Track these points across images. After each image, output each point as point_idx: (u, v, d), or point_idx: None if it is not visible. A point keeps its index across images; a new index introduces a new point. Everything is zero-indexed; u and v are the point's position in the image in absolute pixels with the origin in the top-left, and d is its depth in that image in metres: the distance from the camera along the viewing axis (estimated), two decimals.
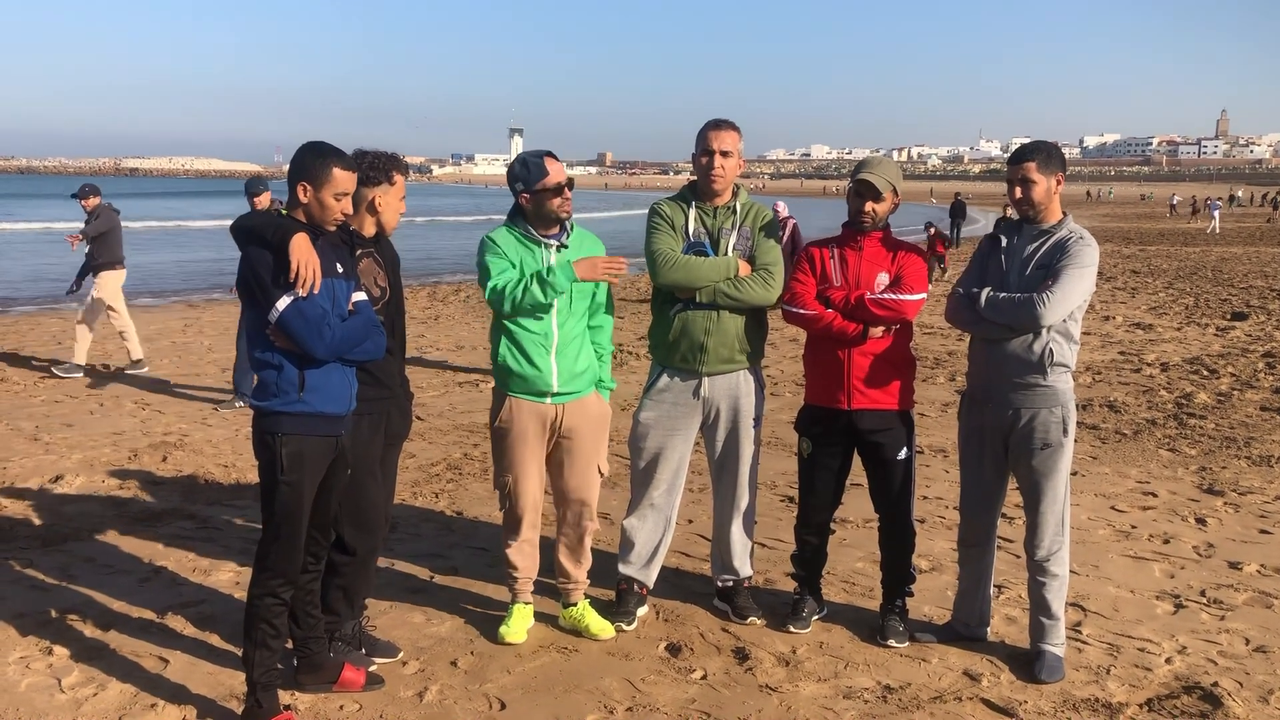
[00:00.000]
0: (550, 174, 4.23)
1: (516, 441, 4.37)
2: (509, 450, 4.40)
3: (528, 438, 4.37)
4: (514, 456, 4.39)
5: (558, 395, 4.34)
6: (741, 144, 4.58)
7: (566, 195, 4.26)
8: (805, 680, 4.22)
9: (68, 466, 7.15)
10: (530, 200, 4.27)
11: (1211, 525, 6.22)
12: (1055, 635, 4.32)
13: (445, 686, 4.13)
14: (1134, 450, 7.97)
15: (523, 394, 4.34)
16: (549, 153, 4.30)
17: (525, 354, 4.28)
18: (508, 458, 4.41)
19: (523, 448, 4.38)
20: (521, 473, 4.41)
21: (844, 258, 4.48)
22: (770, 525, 6.04)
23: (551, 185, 4.22)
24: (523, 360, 4.28)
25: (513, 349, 4.30)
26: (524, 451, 4.38)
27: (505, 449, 4.41)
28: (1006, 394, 4.22)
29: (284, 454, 3.59)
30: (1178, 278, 22.61)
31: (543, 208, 4.26)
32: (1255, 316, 15.81)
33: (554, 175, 4.24)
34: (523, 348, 4.28)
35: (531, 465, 4.41)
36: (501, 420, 4.39)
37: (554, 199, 4.24)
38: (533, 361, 4.28)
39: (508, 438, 4.39)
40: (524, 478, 4.41)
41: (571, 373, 4.33)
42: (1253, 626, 4.78)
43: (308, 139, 3.66)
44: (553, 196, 4.24)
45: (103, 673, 4.16)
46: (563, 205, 4.26)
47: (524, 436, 4.37)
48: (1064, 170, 4.23)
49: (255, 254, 3.53)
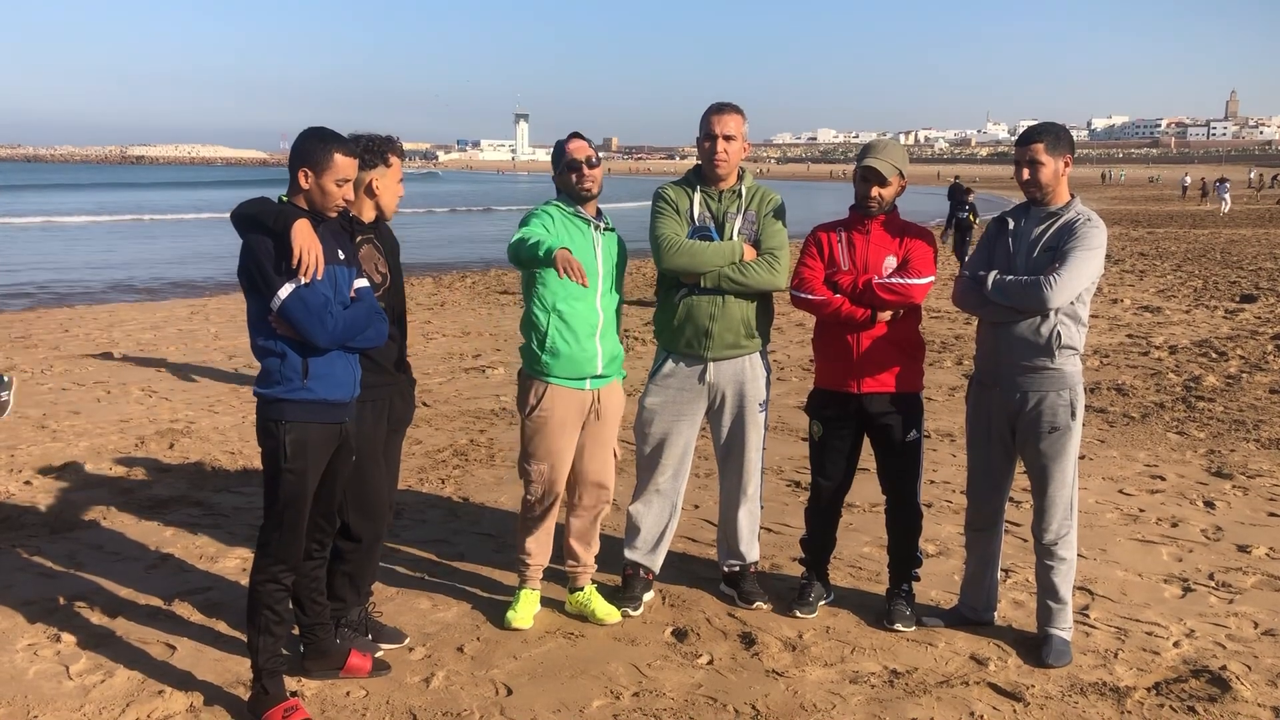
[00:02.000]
0: (568, 152, 4.31)
1: (556, 430, 4.34)
2: (548, 439, 4.35)
3: (567, 426, 4.35)
4: (552, 445, 4.36)
5: (597, 379, 4.36)
6: (745, 127, 4.55)
7: (585, 172, 4.28)
8: (812, 665, 4.21)
9: (75, 454, 7.16)
10: (558, 179, 4.36)
11: (1220, 508, 6.20)
12: (1063, 619, 4.30)
13: (452, 672, 4.13)
14: (1142, 433, 7.94)
15: (564, 379, 4.31)
16: (577, 133, 4.40)
17: (576, 336, 4.27)
18: (545, 446, 4.36)
19: (561, 436, 4.36)
20: (558, 460, 4.38)
21: (851, 241, 4.46)
22: (776, 510, 6.03)
23: (565, 160, 4.30)
24: (573, 343, 4.27)
25: (562, 331, 4.26)
26: (563, 440, 4.37)
27: (544, 438, 4.35)
28: (1014, 377, 4.20)
29: (287, 441, 3.58)
30: (1186, 260, 22.50)
31: (568, 185, 4.33)
32: (1264, 299, 15.73)
33: (572, 152, 4.30)
34: (574, 330, 4.27)
35: (568, 454, 4.40)
36: (541, 409, 4.33)
37: (571, 174, 4.29)
38: (580, 344, 4.28)
39: (547, 426, 4.34)
40: (560, 465, 4.40)
41: (611, 355, 4.39)
42: (1261, 610, 4.76)
43: (314, 125, 3.65)
44: (570, 172, 4.29)
45: (110, 660, 4.17)
46: (580, 181, 4.29)
47: (564, 425, 4.35)
48: (1072, 152, 4.20)
49: (257, 241, 3.51)
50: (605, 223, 4.42)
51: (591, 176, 4.29)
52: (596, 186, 4.32)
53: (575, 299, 4.27)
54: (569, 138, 4.39)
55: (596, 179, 4.31)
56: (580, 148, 4.32)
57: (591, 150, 4.34)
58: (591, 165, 4.29)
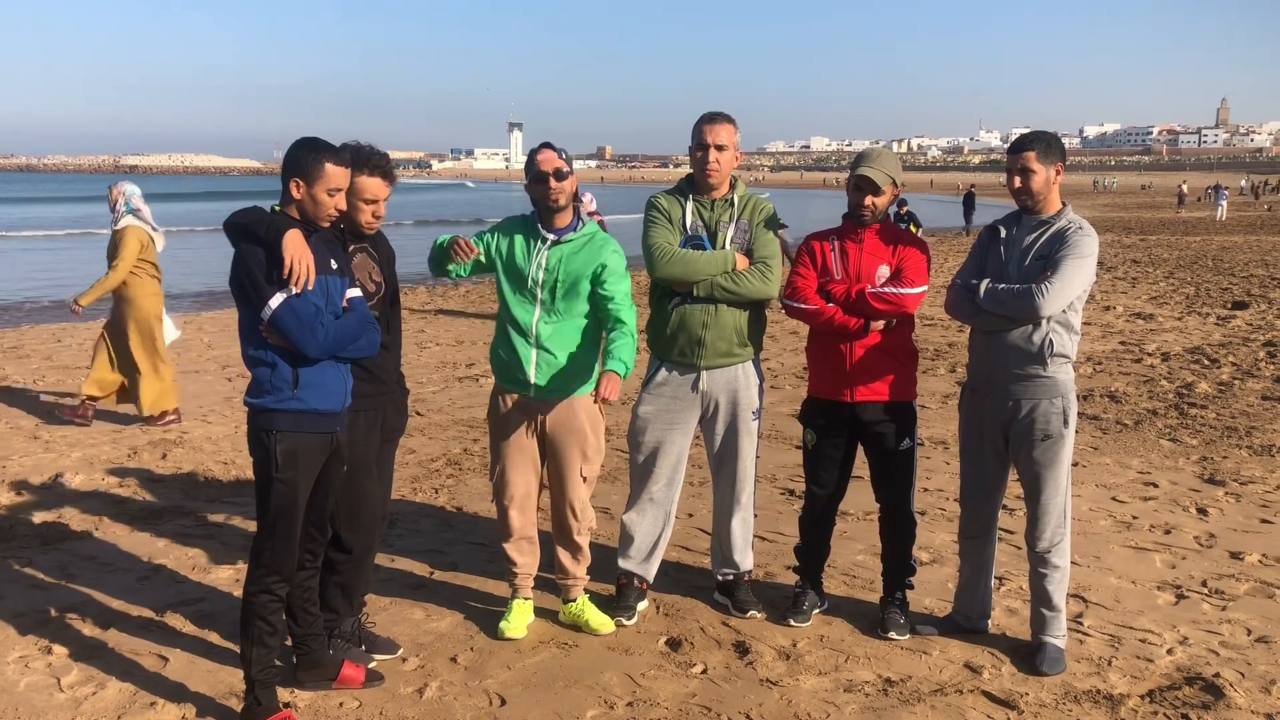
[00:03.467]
0: (537, 163, 4.30)
1: (502, 433, 4.44)
2: (497, 442, 4.47)
3: (512, 430, 4.41)
4: (500, 448, 4.45)
5: (539, 391, 4.34)
6: (738, 136, 4.56)
7: (552, 185, 4.26)
8: (806, 674, 4.21)
9: (67, 464, 7.14)
10: (528, 188, 4.36)
11: (1213, 515, 6.21)
12: (1056, 627, 4.30)
13: (445, 683, 4.12)
14: (1135, 440, 7.95)
15: (508, 385, 4.41)
16: (547, 143, 4.35)
17: (509, 345, 4.35)
18: (496, 448, 4.48)
19: (509, 440, 4.42)
20: (508, 464, 4.44)
21: (844, 250, 4.47)
22: (770, 518, 6.03)
23: (534, 172, 4.30)
24: (507, 353, 4.37)
25: (502, 339, 4.40)
26: (510, 444, 4.42)
27: (494, 440, 4.48)
28: (1007, 385, 4.20)
29: (278, 451, 3.57)
30: (1178, 267, 22.58)
31: (536, 195, 4.33)
32: (1256, 305, 15.79)
33: (540, 163, 4.29)
34: (507, 339, 4.35)
35: (518, 458, 4.42)
36: (491, 412, 4.49)
37: (539, 187, 4.29)
38: (515, 352, 4.33)
39: (496, 429, 4.47)
40: (510, 469, 4.44)
41: (554, 370, 4.32)
42: (1254, 617, 4.77)
43: (307, 134, 3.65)
44: (538, 183, 4.30)
45: (102, 671, 4.15)
46: (547, 194, 4.27)
47: (508, 428, 4.42)
48: (1063, 160, 4.21)
49: (248, 251, 3.51)
50: (574, 237, 4.33)
51: (559, 188, 4.26)
52: (565, 198, 4.29)
53: (513, 307, 4.34)
54: (540, 148, 4.36)
55: (565, 190, 4.28)
56: (549, 159, 4.29)
57: (561, 161, 4.29)
58: (560, 177, 4.26)
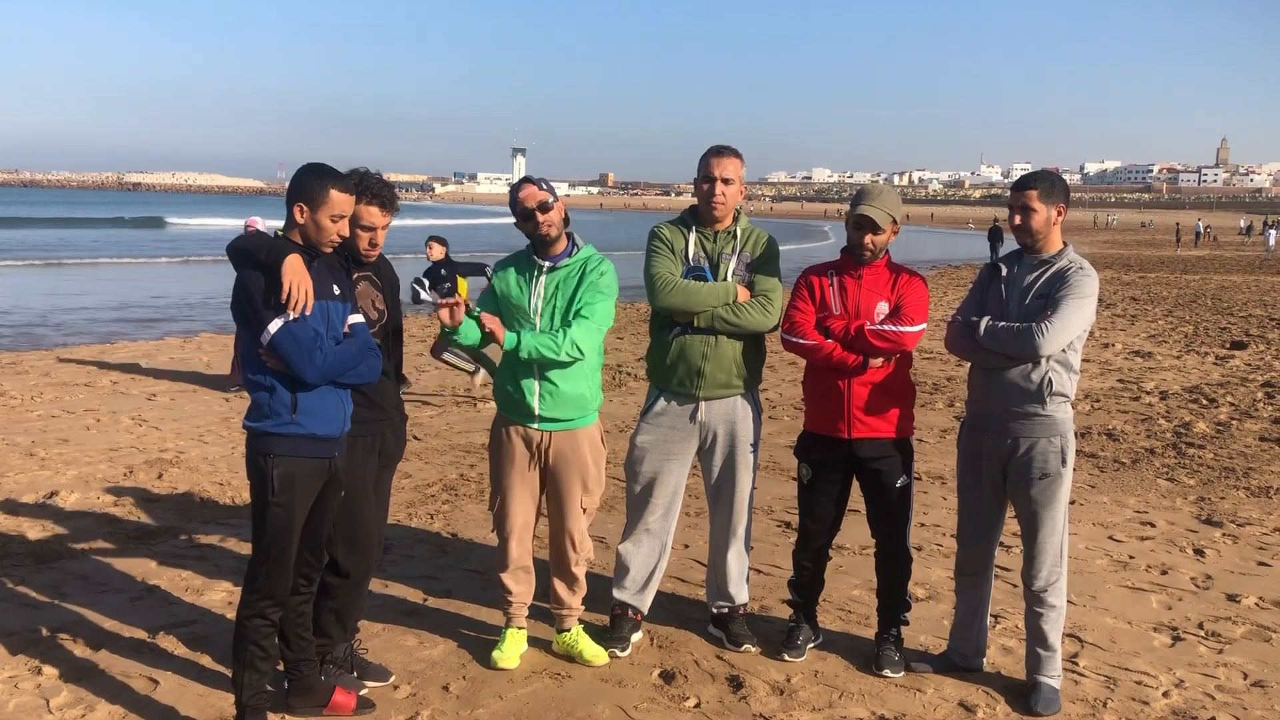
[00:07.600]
0: (520, 201, 4.32)
1: (505, 463, 4.43)
2: (498, 472, 4.46)
3: (515, 460, 4.40)
4: (502, 479, 4.45)
5: (544, 421, 4.34)
6: (743, 170, 4.59)
7: (539, 219, 4.28)
8: (799, 710, 4.18)
9: (63, 482, 7.12)
10: (517, 226, 4.38)
11: (1210, 556, 6.19)
12: (1052, 667, 4.28)
13: (437, 711, 4.09)
14: (1132, 479, 7.94)
15: (511, 415, 4.40)
16: (527, 178, 4.38)
17: (514, 376, 4.34)
18: (497, 479, 4.47)
19: (510, 470, 4.41)
20: (509, 495, 4.43)
21: (843, 285, 4.47)
22: (766, 551, 6.01)
23: (519, 210, 4.32)
24: (510, 383, 4.36)
25: (504, 370, 4.38)
26: (512, 474, 4.41)
27: (495, 471, 4.48)
28: (1005, 422, 4.20)
29: (275, 475, 3.57)
30: (1177, 305, 22.62)
31: (526, 231, 4.36)
32: (1255, 345, 15.80)
33: (523, 200, 4.31)
34: (512, 369, 4.34)
35: (520, 488, 4.42)
36: (493, 441, 4.48)
37: (527, 224, 4.32)
38: (518, 383, 4.32)
39: (497, 459, 4.47)
40: (511, 500, 4.43)
41: (556, 398, 4.31)
42: (1251, 660, 4.75)
43: (311, 155, 3.67)
44: (524, 221, 4.32)
45: (92, 693, 4.13)
46: (537, 229, 4.30)
47: (511, 458, 4.41)
48: (1066, 201, 4.22)
49: (249, 275, 3.53)
50: (569, 263, 4.34)
51: (547, 220, 4.28)
52: (555, 228, 4.31)
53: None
54: (520, 184, 4.37)
55: (553, 222, 4.29)
56: (530, 195, 4.30)
57: (544, 194, 4.29)
58: (545, 209, 4.27)
